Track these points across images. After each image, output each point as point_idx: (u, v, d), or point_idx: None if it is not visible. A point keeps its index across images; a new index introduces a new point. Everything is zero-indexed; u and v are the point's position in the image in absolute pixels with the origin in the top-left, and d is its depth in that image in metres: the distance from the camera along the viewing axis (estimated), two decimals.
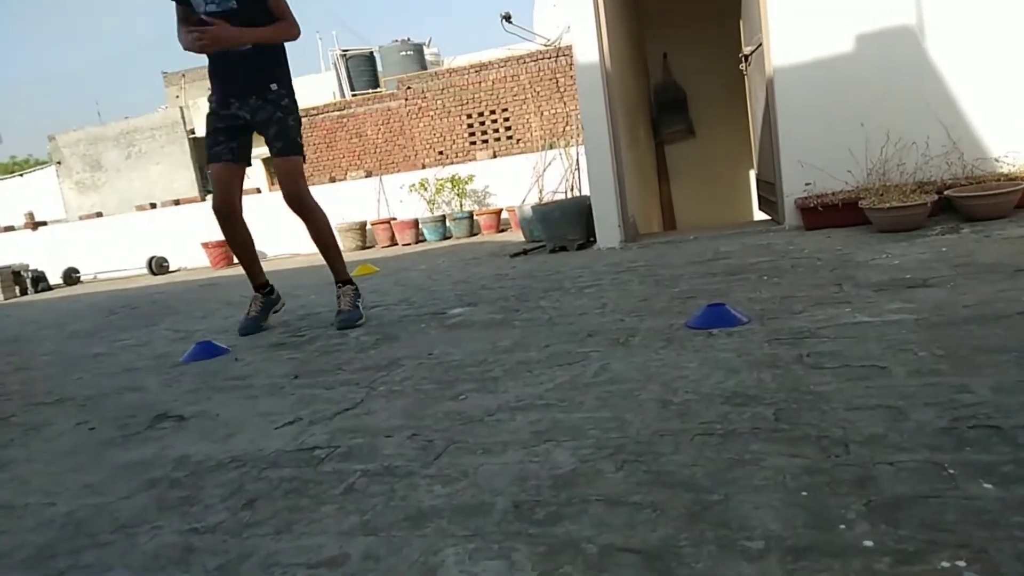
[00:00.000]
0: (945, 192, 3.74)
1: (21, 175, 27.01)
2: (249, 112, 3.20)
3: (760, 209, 5.68)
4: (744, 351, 2.01)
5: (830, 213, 4.03)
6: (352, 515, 1.31)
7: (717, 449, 1.38)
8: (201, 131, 22.90)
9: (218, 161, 3.26)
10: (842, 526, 1.04)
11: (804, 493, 1.16)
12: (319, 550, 1.20)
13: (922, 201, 3.58)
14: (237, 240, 3.39)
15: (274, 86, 3.20)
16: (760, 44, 4.51)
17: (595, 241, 5.05)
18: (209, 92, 3.33)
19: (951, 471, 1.16)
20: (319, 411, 2.00)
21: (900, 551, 0.96)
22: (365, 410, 1.96)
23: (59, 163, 24.27)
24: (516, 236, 7.23)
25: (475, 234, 8.74)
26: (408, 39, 17.67)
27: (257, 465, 1.64)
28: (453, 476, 1.42)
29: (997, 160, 3.95)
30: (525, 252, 5.46)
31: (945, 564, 0.92)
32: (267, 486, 1.51)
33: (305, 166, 3.36)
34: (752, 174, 6.88)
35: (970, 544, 0.95)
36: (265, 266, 9.40)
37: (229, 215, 3.32)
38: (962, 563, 0.92)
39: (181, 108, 23.91)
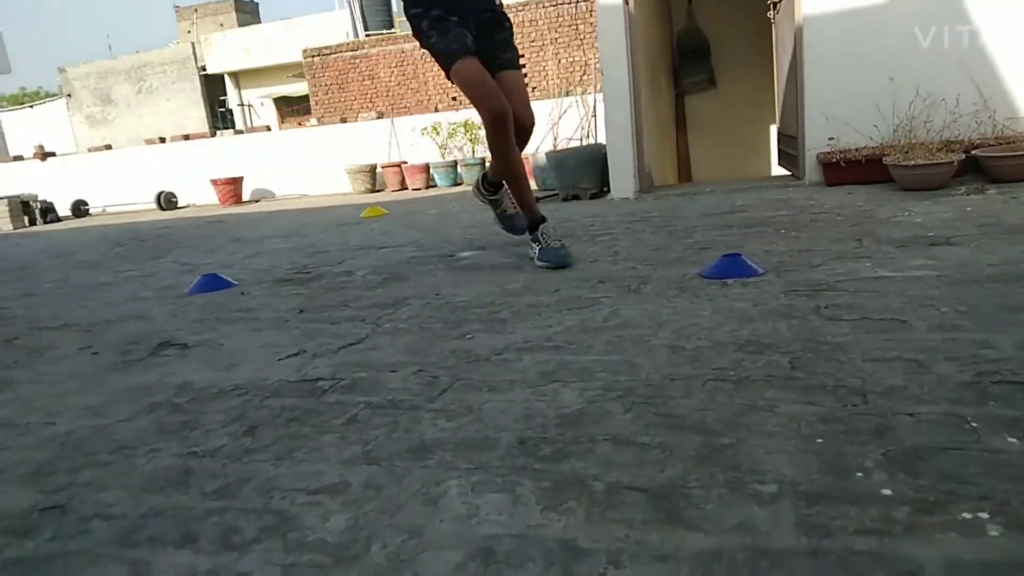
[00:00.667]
0: (972, 152, 3.63)
1: (31, 107, 26.80)
2: (474, 27, 2.71)
3: (779, 164, 5.56)
4: (759, 301, 1.96)
5: (852, 169, 3.92)
6: (354, 445, 1.29)
7: (729, 395, 1.34)
8: (213, 67, 22.54)
9: (470, 54, 2.62)
10: (859, 474, 1.01)
11: (819, 440, 1.12)
12: (319, 477, 1.18)
13: (948, 160, 3.47)
14: (513, 149, 2.76)
15: (499, 1, 2.81)
16: None
17: (609, 191, 4.96)
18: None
19: (974, 424, 1.12)
20: (324, 344, 1.98)
21: (920, 500, 0.93)
22: (370, 345, 1.93)
23: (69, 96, 24.03)
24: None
25: None
26: None
27: (259, 394, 1.62)
28: (458, 411, 1.40)
29: None
30: (537, 200, 5.37)
31: (967, 515, 0.88)
32: (269, 414, 1.49)
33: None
34: (772, 129, 6.72)
35: (993, 496, 0.92)
36: (273, 206, 9.28)
37: (508, 117, 2.65)
38: (984, 515, 0.88)
39: (192, 44, 23.53)
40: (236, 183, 9.65)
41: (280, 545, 0.99)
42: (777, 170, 5.94)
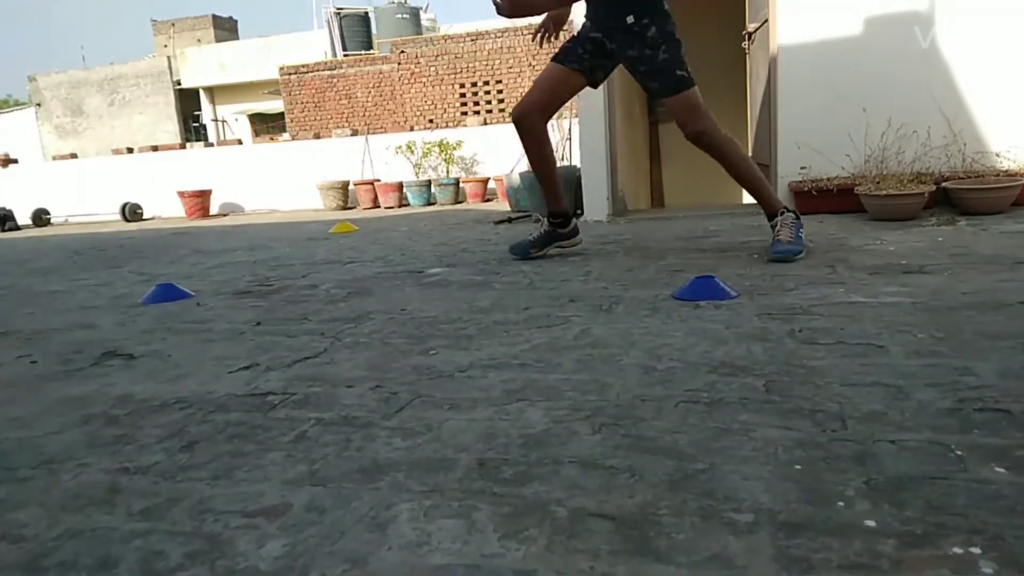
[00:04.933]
0: (943, 184, 3.65)
1: None
2: (616, 44, 2.84)
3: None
4: (733, 323, 1.90)
5: (824, 198, 3.93)
6: (300, 464, 1.19)
7: (702, 417, 1.27)
8: (188, 82, 22.32)
9: (561, 61, 2.87)
10: (840, 503, 0.94)
11: (798, 467, 1.05)
12: (258, 498, 1.08)
13: (920, 191, 3.49)
14: (534, 153, 3.01)
15: (631, 19, 2.75)
16: (765, 20, 4.38)
17: (582, 213, 4.92)
18: None
19: (958, 452, 1.06)
20: (278, 358, 1.87)
21: (906, 533, 0.86)
22: (327, 360, 1.83)
23: (39, 105, 23.53)
24: (502, 206, 7.09)
25: (460, 202, 8.58)
26: (405, 2, 17.29)
27: (203, 407, 1.51)
28: (415, 430, 1.31)
29: (998, 155, 3.86)
30: (510, 220, 5.33)
31: (957, 550, 0.82)
32: (211, 429, 1.38)
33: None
34: None
35: (984, 530, 0.85)
36: (241, 220, 9.10)
37: (531, 126, 2.92)
38: (976, 549, 0.82)
39: (168, 58, 23.26)
40: (204, 196, 9.47)
41: (207, 572, 0.89)
42: (749, 199, 5.96)
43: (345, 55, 16.25)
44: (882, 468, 1.03)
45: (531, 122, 2.95)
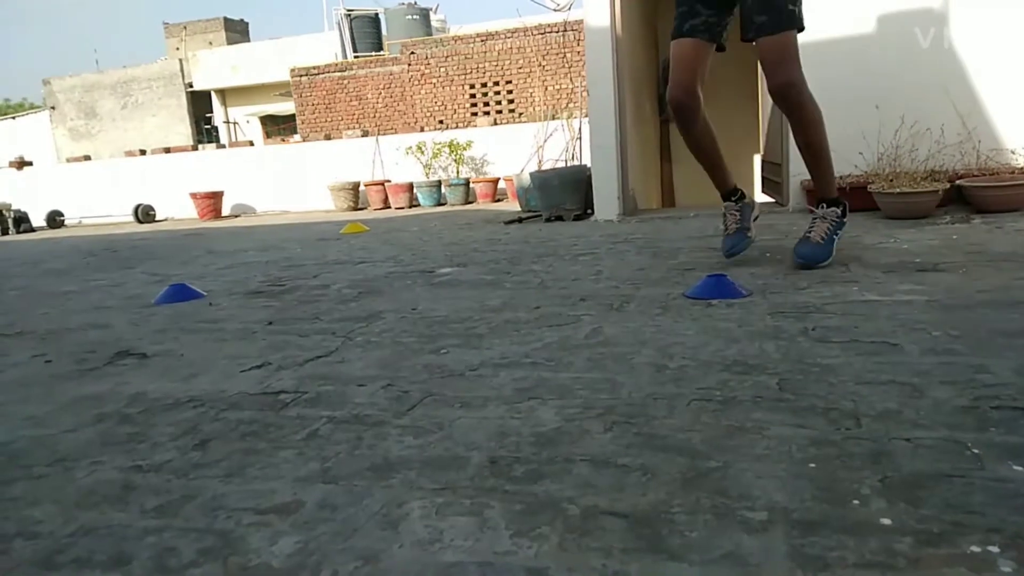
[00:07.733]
0: (957, 181, 3.62)
1: (13, 118, 26.46)
2: None
3: (763, 191, 5.55)
4: (745, 322, 1.89)
5: None
6: (312, 461, 1.19)
7: (715, 415, 1.26)
8: (200, 84, 22.45)
9: (689, 35, 2.56)
10: (856, 502, 0.93)
11: (812, 465, 1.04)
12: (271, 495, 1.08)
13: (933, 188, 3.46)
14: (693, 136, 2.72)
15: None
16: None
17: (592, 212, 4.92)
18: None
19: (975, 451, 1.05)
20: (290, 357, 1.88)
21: (923, 532, 0.85)
22: (339, 359, 1.83)
23: (53, 108, 23.75)
24: (512, 206, 7.09)
25: (470, 202, 8.59)
26: (415, 3, 17.31)
27: (216, 406, 1.52)
28: (427, 428, 1.31)
29: (1013, 152, 3.82)
30: (520, 220, 5.32)
31: (975, 548, 0.81)
32: (224, 427, 1.39)
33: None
34: (756, 159, 6.73)
35: (1002, 529, 0.84)
36: (252, 221, 9.14)
37: (688, 106, 2.61)
38: (995, 548, 0.80)
39: (180, 60, 23.42)
40: (216, 197, 9.53)
41: (220, 569, 0.89)
42: (761, 197, 5.93)
43: (356, 57, 16.28)
44: (898, 466, 1.02)
45: (690, 106, 2.66)
